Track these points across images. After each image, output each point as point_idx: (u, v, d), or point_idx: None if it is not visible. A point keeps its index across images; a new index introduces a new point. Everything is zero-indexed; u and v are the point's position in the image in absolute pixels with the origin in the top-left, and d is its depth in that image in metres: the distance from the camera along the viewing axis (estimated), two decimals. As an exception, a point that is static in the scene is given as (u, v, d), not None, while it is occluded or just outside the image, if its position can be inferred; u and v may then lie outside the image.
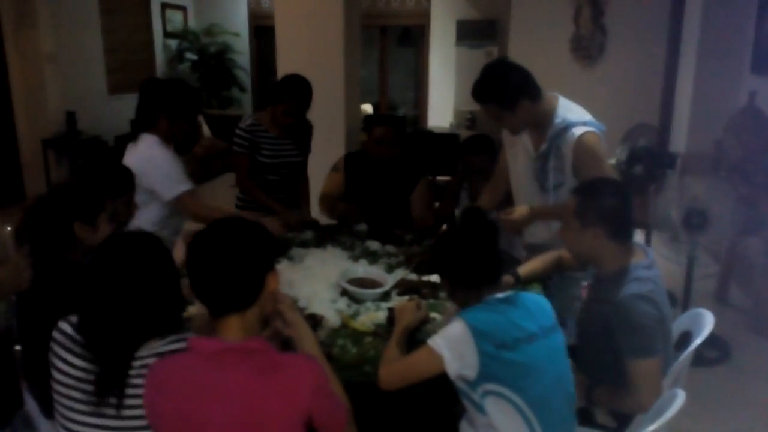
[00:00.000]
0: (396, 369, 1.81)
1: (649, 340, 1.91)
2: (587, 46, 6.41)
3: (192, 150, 3.23)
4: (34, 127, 7.02)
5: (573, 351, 1.99)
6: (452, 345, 1.70)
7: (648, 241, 4.21)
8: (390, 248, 2.91)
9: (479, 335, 1.68)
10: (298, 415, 1.39)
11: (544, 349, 1.74)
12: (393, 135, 3.26)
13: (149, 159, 2.67)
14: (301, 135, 3.35)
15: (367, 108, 8.37)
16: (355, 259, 2.80)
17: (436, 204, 3.54)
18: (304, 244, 2.98)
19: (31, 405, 1.95)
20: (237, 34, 9.60)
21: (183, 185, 2.75)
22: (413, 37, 9.29)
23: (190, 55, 9.42)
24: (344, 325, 2.19)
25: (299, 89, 3.11)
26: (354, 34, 5.02)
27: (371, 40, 9.03)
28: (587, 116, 2.53)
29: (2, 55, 6.79)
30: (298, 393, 1.39)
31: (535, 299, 1.85)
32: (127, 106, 8.28)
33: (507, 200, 3.02)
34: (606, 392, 2.03)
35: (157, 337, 1.51)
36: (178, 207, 2.79)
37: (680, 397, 1.67)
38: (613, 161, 4.40)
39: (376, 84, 9.48)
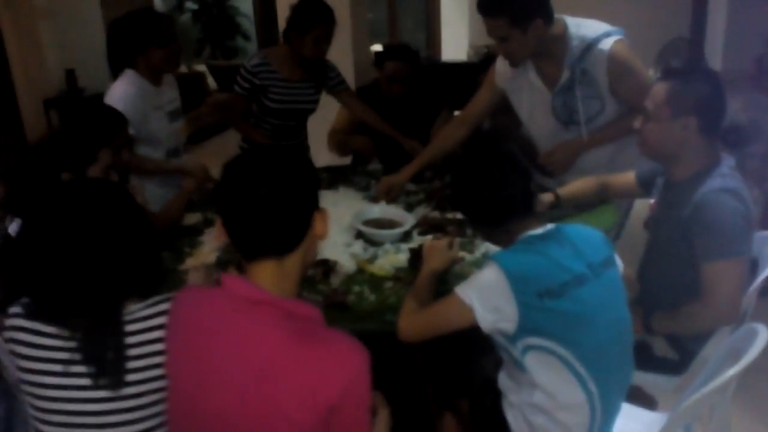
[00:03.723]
0: (418, 320, 1.59)
1: (734, 238, 1.67)
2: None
3: (199, 109, 3.02)
4: (33, 87, 6.78)
5: None
6: (485, 295, 1.44)
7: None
8: (409, 185, 2.65)
9: (518, 282, 1.42)
10: (321, 405, 1.10)
11: (597, 290, 1.46)
12: (407, 71, 3.02)
13: (108, 96, 2.49)
14: (323, 76, 2.97)
15: (378, 49, 8.05)
16: (371, 199, 2.56)
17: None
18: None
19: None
20: (237, -21, 9.26)
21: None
22: (422, -29, 8.85)
23: (191, 5, 9.17)
24: (360, 270, 1.96)
25: (326, 9, 2.73)
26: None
27: (378, -24, 8.62)
28: (604, 25, 2.23)
29: (-7, 14, 6.52)
30: (331, 380, 1.11)
31: (581, 231, 1.56)
32: (127, 60, 8.09)
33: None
34: (667, 316, 1.80)
35: (135, 299, 1.28)
36: None
37: (763, 333, 1.42)
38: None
39: (385, 25, 9.11)
